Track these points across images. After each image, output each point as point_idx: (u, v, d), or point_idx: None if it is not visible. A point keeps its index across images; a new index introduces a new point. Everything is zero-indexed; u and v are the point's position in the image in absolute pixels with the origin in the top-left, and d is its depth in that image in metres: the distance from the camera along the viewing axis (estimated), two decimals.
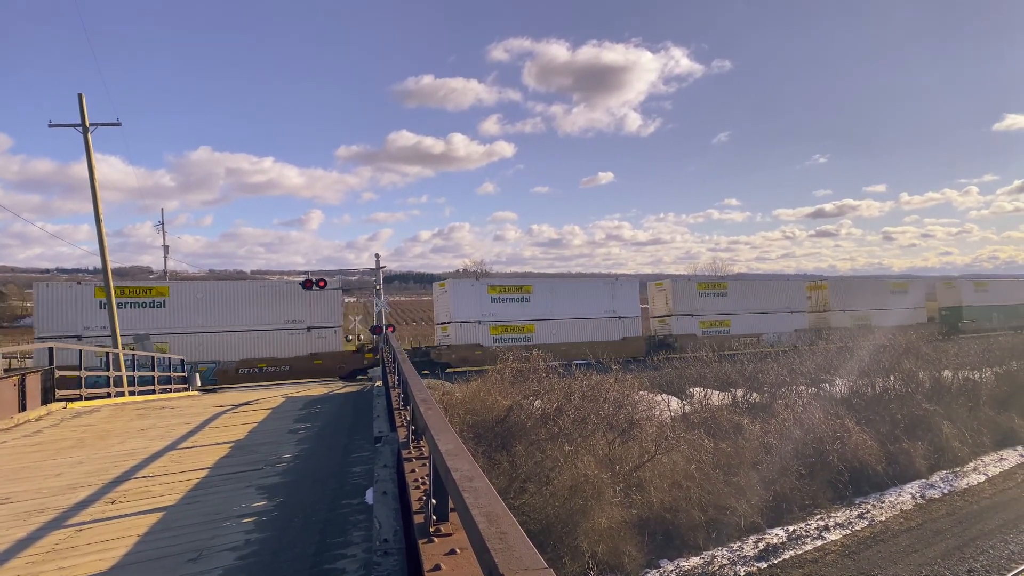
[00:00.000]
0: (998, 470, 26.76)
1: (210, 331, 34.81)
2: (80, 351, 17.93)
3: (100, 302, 33.06)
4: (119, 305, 33.73)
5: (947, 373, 33.29)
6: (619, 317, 45.96)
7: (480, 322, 40.94)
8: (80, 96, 26.83)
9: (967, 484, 24.97)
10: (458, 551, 3.48)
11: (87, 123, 26.96)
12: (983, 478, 25.71)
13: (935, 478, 25.34)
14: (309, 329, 37.03)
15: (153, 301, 34.13)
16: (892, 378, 31.37)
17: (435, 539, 3.75)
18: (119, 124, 28.11)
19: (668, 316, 48.61)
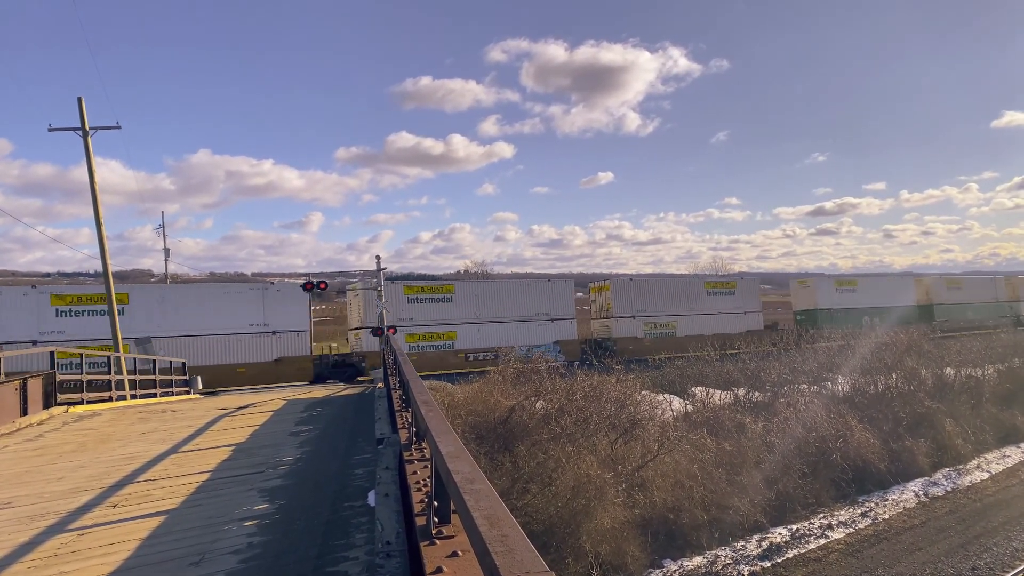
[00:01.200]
0: (1001, 467, 26.72)
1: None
2: (82, 355, 17.93)
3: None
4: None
5: (949, 371, 33.26)
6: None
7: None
8: (80, 100, 26.86)
9: (970, 482, 24.93)
10: (460, 553, 3.47)
11: (87, 127, 26.99)
12: (986, 475, 25.68)
13: (938, 476, 25.31)
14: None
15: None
16: (894, 376, 31.35)
17: (437, 541, 3.74)
18: (119, 128, 28.14)
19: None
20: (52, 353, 16.33)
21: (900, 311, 56.12)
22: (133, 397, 20.92)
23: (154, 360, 24.29)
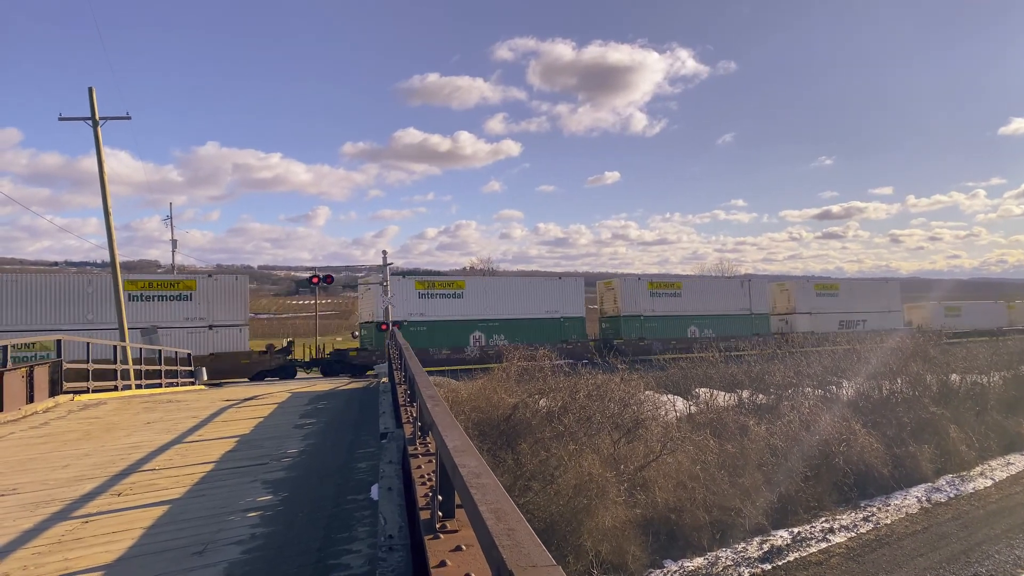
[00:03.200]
0: (1005, 475, 26.63)
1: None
2: (87, 343, 17.99)
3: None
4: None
5: (955, 377, 33.15)
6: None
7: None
8: (91, 90, 26.92)
9: (973, 488, 24.86)
10: (464, 548, 3.47)
11: (97, 117, 27.04)
12: (990, 483, 25.60)
13: (941, 482, 25.25)
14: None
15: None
16: (899, 381, 31.26)
17: (441, 535, 3.74)
18: (129, 118, 28.18)
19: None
20: (59, 341, 16.39)
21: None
22: (138, 387, 20.99)
23: (160, 350, 24.36)
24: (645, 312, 46.77)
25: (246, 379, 34.58)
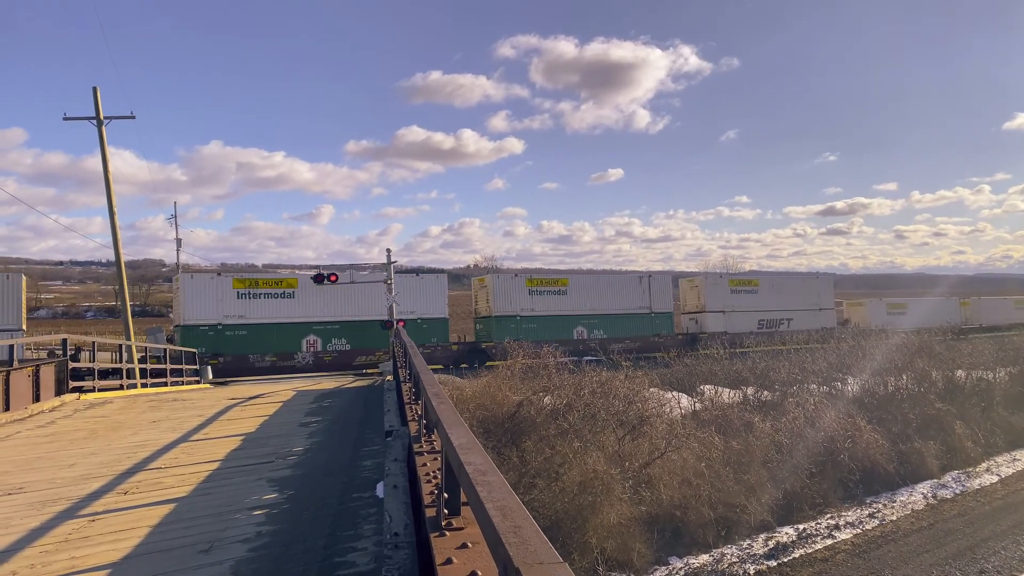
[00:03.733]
0: (1011, 471, 26.56)
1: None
2: (94, 343, 18.05)
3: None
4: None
5: (960, 373, 33.06)
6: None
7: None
8: (95, 89, 26.99)
9: (979, 485, 24.80)
10: (470, 545, 3.47)
11: (101, 116, 27.12)
12: (996, 479, 25.53)
13: (947, 478, 25.19)
14: None
15: None
16: (905, 377, 31.19)
17: (447, 533, 3.75)
18: (133, 117, 28.28)
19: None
20: (65, 340, 16.44)
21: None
22: (144, 386, 21.05)
23: (165, 349, 24.43)
24: (523, 312, 43.11)
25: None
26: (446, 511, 4.01)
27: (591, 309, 45.16)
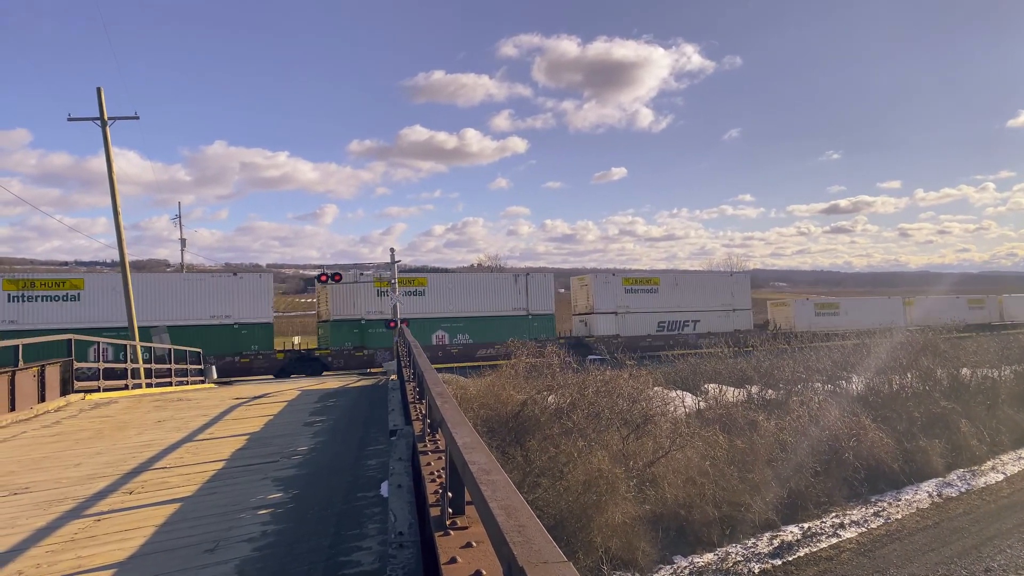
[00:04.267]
0: (1017, 469, 26.50)
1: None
2: (99, 343, 18.10)
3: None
4: None
5: (965, 371, 32.98)
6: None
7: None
8: (99, 90, 27.02)
9: (985, 483, 24.75)
10: (474, 544, 3.47)
11: (106, 117, 27.14)
12: (1001, 477, 25.48)
13: (952, 476, 25.14)
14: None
15: None
16: (909, 376, 31.13)
17: (451, 532, 3.75)
18: (137, 118, 28.28)
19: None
20: (70, 341, 16.48)
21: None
22: (149, 385, 21.10)
23: (170, 349, 24.48)
24: (369, 315, 39.13)
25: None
26: (450, 510, 4.01)
27: (454, 311, 41.21)
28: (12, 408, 12.93)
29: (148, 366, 22.45)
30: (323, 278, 33.36)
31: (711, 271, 68.87)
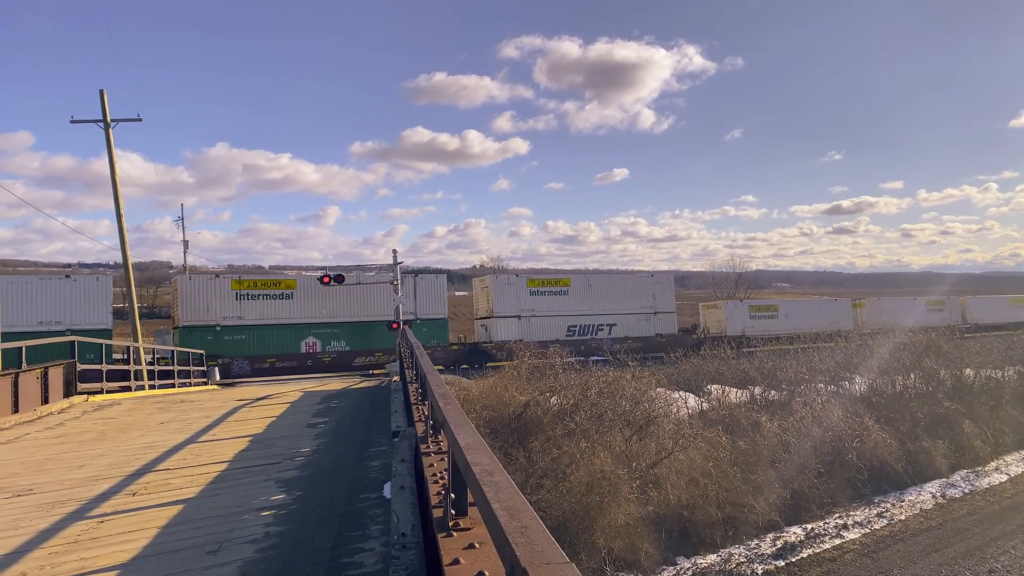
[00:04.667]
0: (1021, 469, 26.42)
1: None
2: (102, 345, 18.12)
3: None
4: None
5: (969, 371, 32.90)
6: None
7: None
8: (102, 92, 27.08)
9: (989, 484, 24.69)
10: (477, 545, 3.47)
11: (108, 119, 27.21)
12: (1005, 478, 25.41)
13: (956, 477, 25.08)
14: None
15: None
16: (912, 376, 31.06)
17: (454, 533, 3.75)
18: (140, 120, 28.37)
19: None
20: (73, 343, 16.51)
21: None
22: (152, 387, 21.12)
23: (173, 350, 24.51)
24: (226, 320, 36.07)
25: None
26: (453, 511, 4.01)
27: (328, 316, 38.05)
28: (16, 410, 12.95)
29: (151, 368, 22.47)
30: (326, 279, 33.44)
31: (631, 273, 64.31)
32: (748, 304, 53.16)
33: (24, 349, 13.93)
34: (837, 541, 19.57)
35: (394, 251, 34.37)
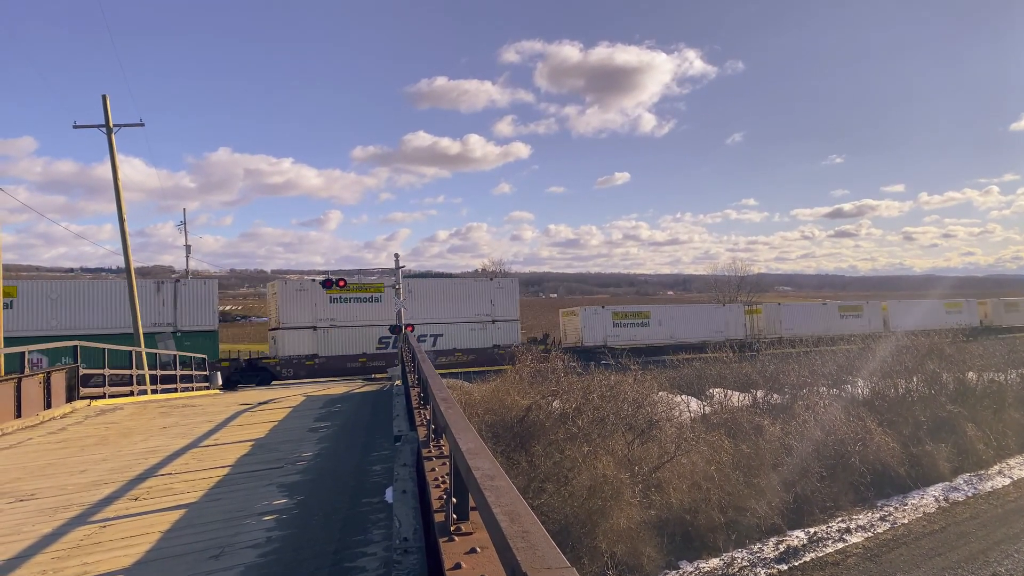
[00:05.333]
0: (1023, 473, 26.38)
1: None
2: (104, 349, 18.13)
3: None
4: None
5: (971, 375, 32.85)
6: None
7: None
8: (104, 97, 27.13)
9: (992, 487, 24.64)
10: (479, 550, 3.48)
11: (111, 124, 27.25)
12: (1008, 481, 25.36)
13: (959, 481, 25.03)
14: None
15: None
16: (915, 379, 31.02)
17: (455, 538, 3.75)
18: (142, 125, 28.43)
19: None
20: (76, 347, 16.53)
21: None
22: (154, 391, 21.13)
23: (175, 355, 24.52)
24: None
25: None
26: (455, 516, 4.02)
27: (42, 328, 31.86)
28: (18, 415, 12.96)
29: (153, 372, 22.49)
30: (327, 284, 33.44)
31: (467, 276, 59.08)
32: (611, 310, 47.19)
33: (25, 354, 13.94)
34: (840, 545, 19.54)
35: (396, 255, 34.30)
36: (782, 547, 19.20)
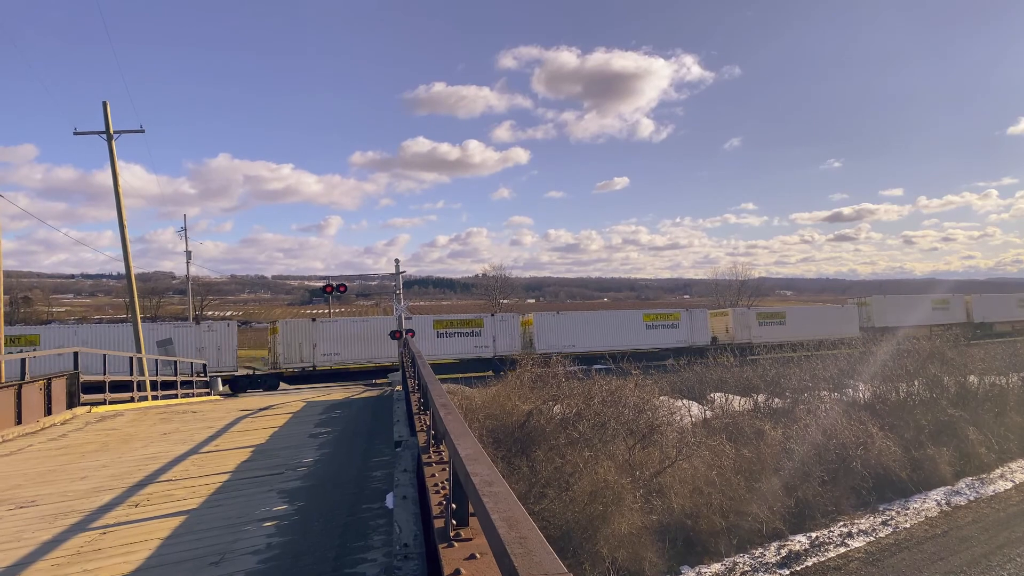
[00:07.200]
0: None
1: None
2: (104, 356, 18.12)
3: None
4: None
5: (973, 379, 32.78)
6: None
7: None
8: (105, 104, 27.17)
9: (994, 491, 24.58)
10: (478, 556, 3.47)
11: (111, 130, 27.30)
12: (1010, 485, 25.30)
13: (961, 484, 24.98)
14: None
15: None
16: (916, 383, 30.97)
17: (455, 544, 3.75)
18: (142, 131, 28.45)
19: None
20: (76, 354, 16.52)
21: None
22: (155, 398, 21.11)
23: (175, 361, 24.50)
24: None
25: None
26: (454, 522, 4.01)
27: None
28: (19, 421, 12.96)
29: (154, 378, 22.47)
30: (328, 289, 33.47)
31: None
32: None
33: (26, 361, 13.93)
34: (842, 549, 19.50)
35: (396, 261, 34.37)
36: (784, 552, 19.16)
